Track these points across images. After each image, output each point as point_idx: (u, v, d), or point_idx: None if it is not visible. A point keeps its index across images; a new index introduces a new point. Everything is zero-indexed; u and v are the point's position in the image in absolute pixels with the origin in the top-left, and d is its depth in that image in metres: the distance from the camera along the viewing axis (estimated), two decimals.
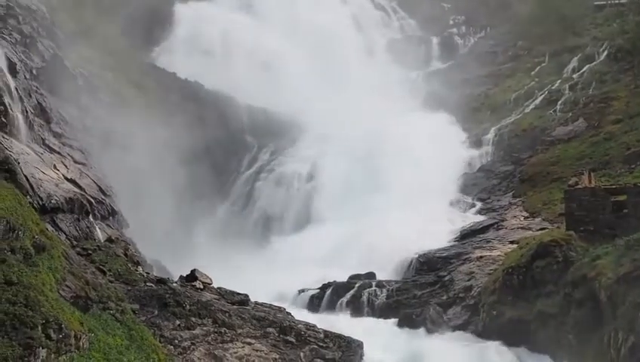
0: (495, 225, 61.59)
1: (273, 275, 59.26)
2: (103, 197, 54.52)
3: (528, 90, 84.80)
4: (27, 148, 50.47)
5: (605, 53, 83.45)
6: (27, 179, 45.74)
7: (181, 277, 47.84)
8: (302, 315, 48.69)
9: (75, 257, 38.11)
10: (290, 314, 46.26)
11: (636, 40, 79.00)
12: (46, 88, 59.70)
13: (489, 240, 58.55)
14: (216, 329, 40.15)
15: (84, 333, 31.39)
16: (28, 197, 42.98)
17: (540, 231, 54.39)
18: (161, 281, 43.60)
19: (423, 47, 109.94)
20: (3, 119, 49.23)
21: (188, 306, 40.31)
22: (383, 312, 53.10)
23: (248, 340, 40.69)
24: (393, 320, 51.40)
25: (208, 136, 75.76)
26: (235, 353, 39.44)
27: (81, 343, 30.92)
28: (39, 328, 28.88)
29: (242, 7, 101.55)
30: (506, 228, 60.38)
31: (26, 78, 57.08)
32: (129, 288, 40.70)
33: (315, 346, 42.32)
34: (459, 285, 53.13)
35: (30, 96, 55.81)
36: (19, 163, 45.74)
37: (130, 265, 45.17)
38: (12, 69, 54.94)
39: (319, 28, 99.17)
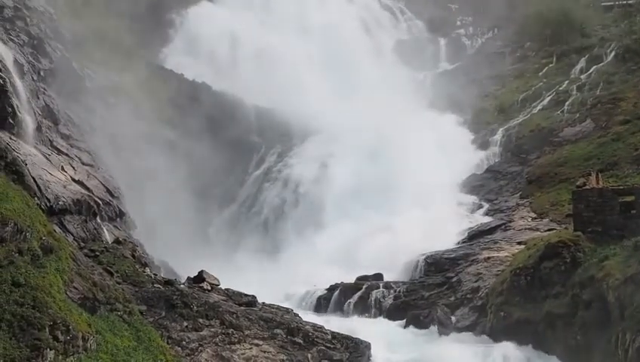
0: (502, 226, 61.54)
1: (281, 276, 59.41)
2: (111, 198, 54.57)
3: (536, 91, 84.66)
4: (35, 150, 50.55)
5: (613, 53, 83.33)
6: (35, 181, 45.82)
7: (188, 278, 47.93)
8: (309, 316, 48.78)
9: (82, 259, 38.18)
10: (297, 315, 46.37)
11: None
12: (54, 90, 59.77)
13: (496, 241, 58.51)
14: (223, 331, 40.20)
15: (92, 335, 31.47)
16: (35, 198, 43.08)
17: (548, 232, 54.32)
18: (168, 283, 43.66)
19: (430, 48, 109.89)
20: (11, 121, 49.30)
21: (195, 307, 40.36)
22: (390, 313, 53.21)
23: (256, 341, 40.74)
24: (401, 321, 51.48)
25: (216, 137, 75.73)
26: (243, 354, 39.49)
27: (89, 344, 30.99)
28: (47, 329, 28.96)
29: (249, 7, 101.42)
30: (513, 229, 60.33)
31: (33, 79, 57.12)
32: (136, 289, 40.75)
33: (323, 347, 42.35)
34: (466, 286, 53.12)
35: (38, 97, 55.87)
36: (26, 164, 45.83)
37: (137, 266, 45.20)
38: (20, 71, 54.98)
39: (327, 29, 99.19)
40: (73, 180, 51.71)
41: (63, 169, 51.75)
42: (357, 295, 55.27)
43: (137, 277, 42.75)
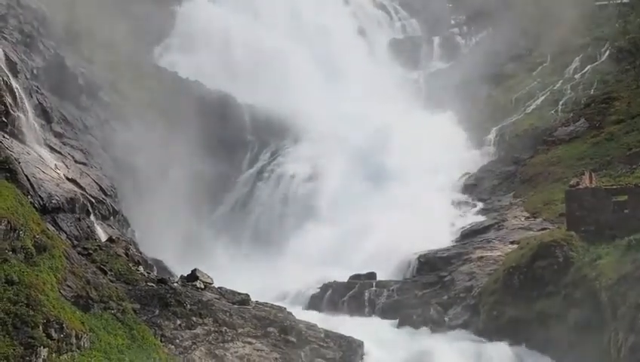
0: (496, 226, 61.51)
1: (274, 275, 59.35)
2: (104, 196, 54.52)
3: (530, 91, 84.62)
4: (28, 148, 50.51)
5: (607, 53, 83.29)
6: (28, 179, 45.82)
7: (182, 276, 47.84)
8: (302, 315, 48.70)
9: (75, 257, 38.12)
10: (290, 313, 46.24)
11: (638, 40, 78.94)
12: (47, 88, 59.73)
13: (490, 241, 58.52)
14: (216, 329, 40.18)
15: (85, 333, 31.47)
16: (29, 197, 43.06)
17: (541, 232, 54.36)
18: (161, 281, 43.60)
19: (424, 47, 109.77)
20: (3, 119, 49.29)
21: (189, 306, 40.35)
22: (383, 312, 53.19)
23: (249, 339, 40.76)
24: (394, 320, 51.43)
25: (209, 136, 75.62)
26: (236, 352, 39.49)
27: (82, 342, 31.00)
28: (40, 327, 28.98)
29: (244, 6, 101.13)
30: (506, 228, 60.29)
31: (26, 77, 57.06)
32: (130, 288, 40.72)
33: (316, 346, 42.38)
34: (459, 285, 53.12)
35: (31, 95, 55.80)
36: (20, 163, 45.84)
37: (131, 264, 45.16)
38: (13, 69, 54.91)
39: (321, 28, 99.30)
40: (66, 178, 51.71)
41: (56, 167, 51.74)
42: (350, 293, 55.29)
43: (131, 276, 42.71)
